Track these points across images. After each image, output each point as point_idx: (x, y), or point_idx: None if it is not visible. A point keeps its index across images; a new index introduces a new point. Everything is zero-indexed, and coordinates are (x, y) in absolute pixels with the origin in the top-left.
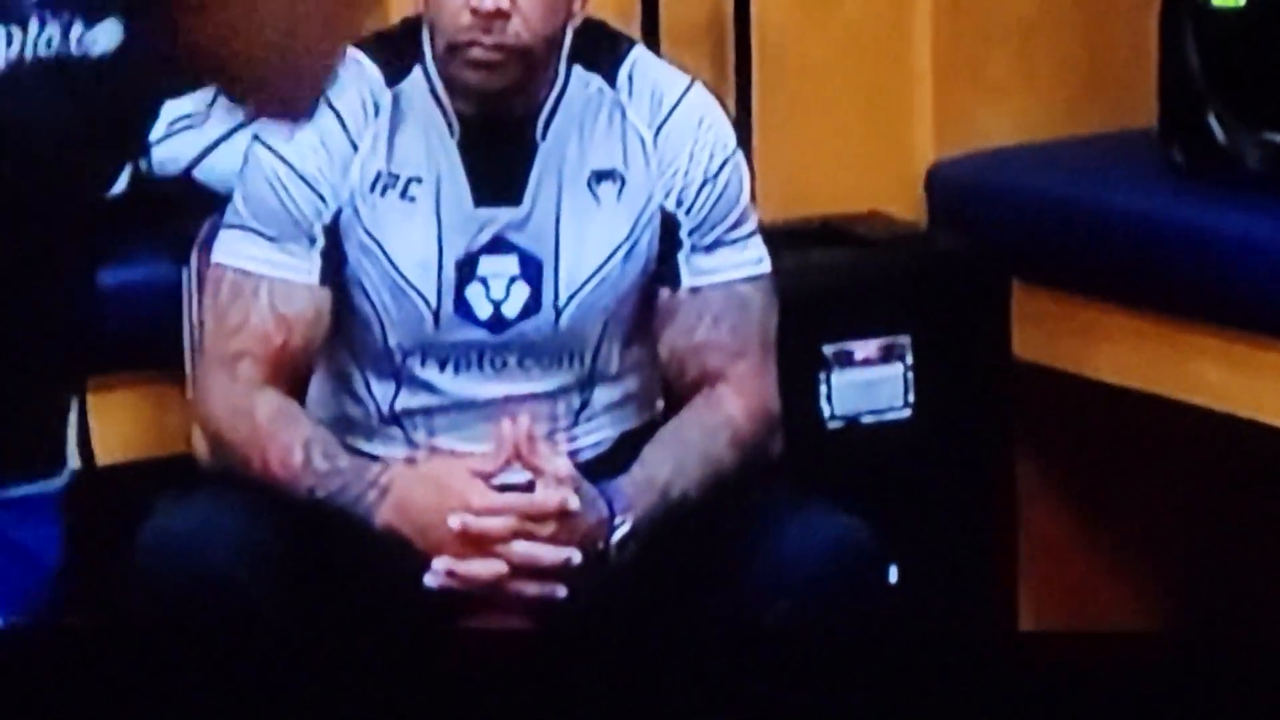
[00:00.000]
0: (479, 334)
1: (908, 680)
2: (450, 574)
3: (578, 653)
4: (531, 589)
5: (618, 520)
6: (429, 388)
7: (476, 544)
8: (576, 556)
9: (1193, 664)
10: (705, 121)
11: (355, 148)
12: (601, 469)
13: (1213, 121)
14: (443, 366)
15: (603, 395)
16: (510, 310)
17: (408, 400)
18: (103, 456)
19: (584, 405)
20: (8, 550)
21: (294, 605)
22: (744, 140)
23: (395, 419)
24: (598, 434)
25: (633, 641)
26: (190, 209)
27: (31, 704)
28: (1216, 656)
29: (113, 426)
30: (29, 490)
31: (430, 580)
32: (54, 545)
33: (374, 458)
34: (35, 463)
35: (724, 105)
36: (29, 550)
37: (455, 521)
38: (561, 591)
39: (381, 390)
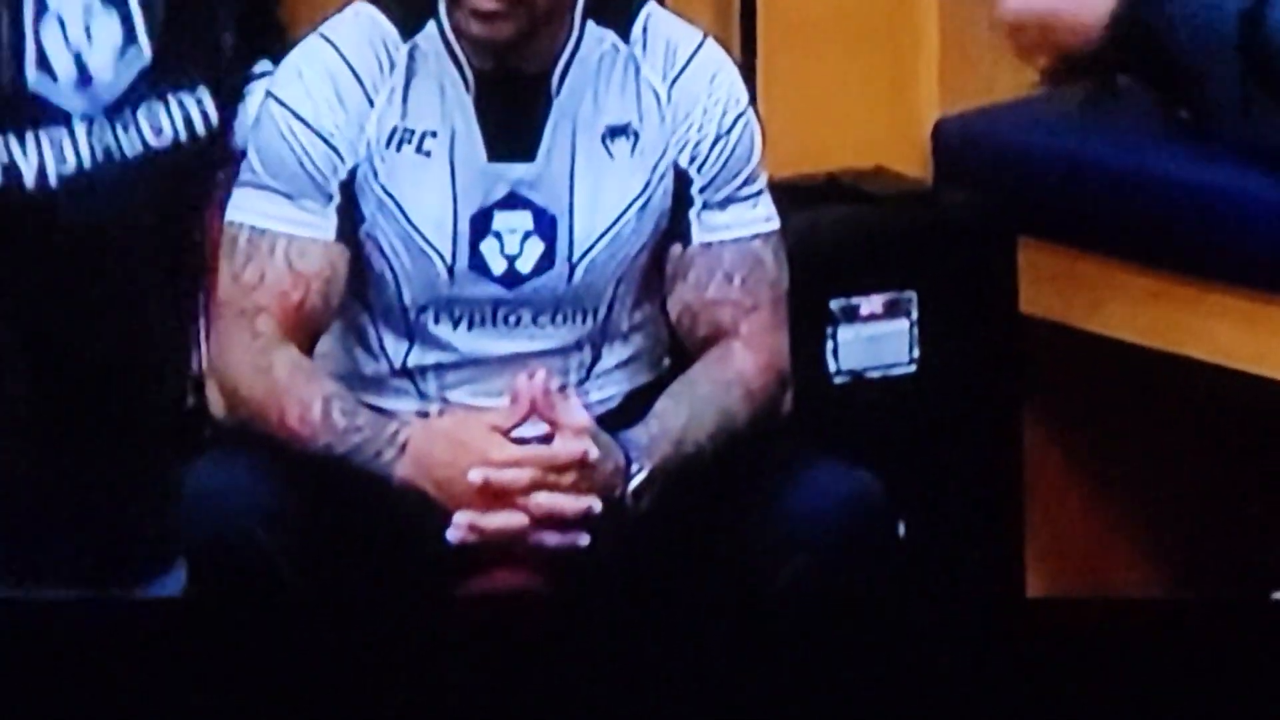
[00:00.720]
0: (493, 290)
1: (915, 634)
2: (472, 528)
3: (594, 605)
4: (553, 539)
5: (634, 468)
6: (442, 344)
7: (497, 497)
8: (597, 505)
9: (1202, 629)
10: (718, 77)
11: (371, 103)
12: (610, 425)
13: None
14: (456, 323)
15: (613, 352)
16: (524, 266)
17: (420, 357)
18: None
19: (594, 362)
20: None
21: (312, 562)
22: (749, 95)
23: (407, 374)
24: (606, 390)
25: (647, 596)
26: None
27: (53, 664)
28: (1225, 622)
29: None
30: (146, 593)
31: (452, 535)
32: None
33: (385, 412)
34: (147, 562)
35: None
36: None
37: (476, 476)
38: (584, 540)
39: (394, 346)
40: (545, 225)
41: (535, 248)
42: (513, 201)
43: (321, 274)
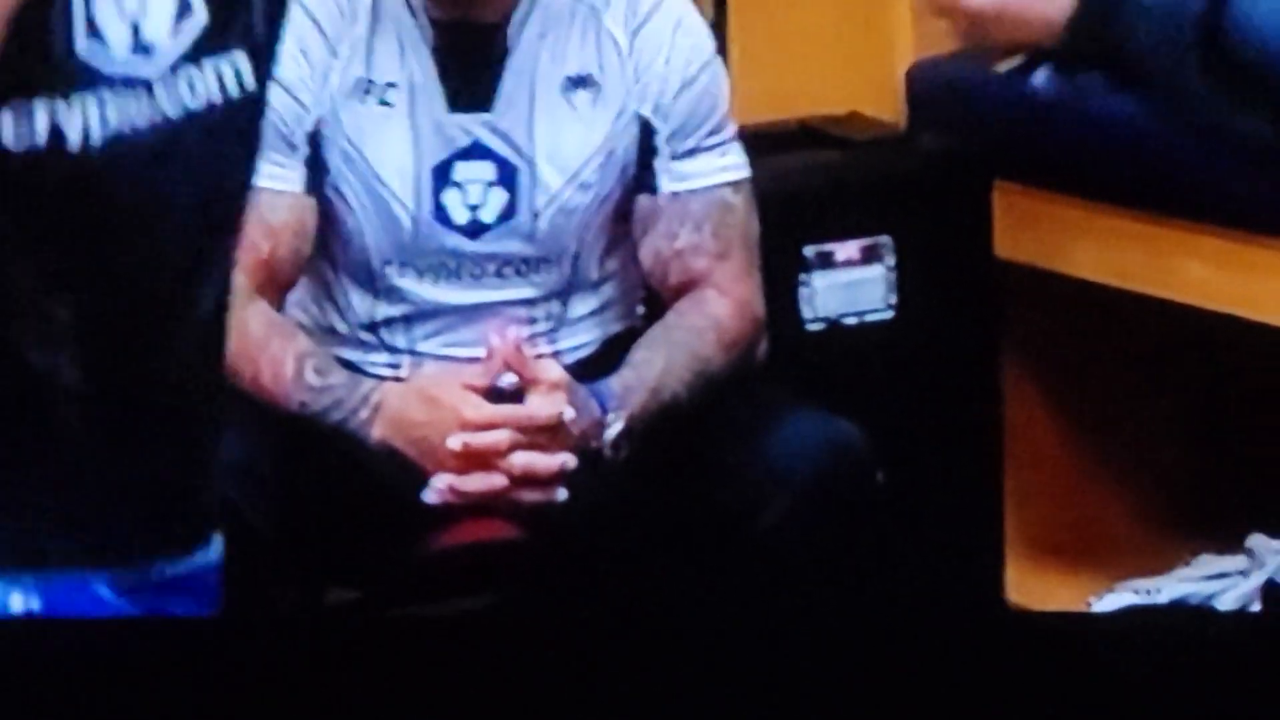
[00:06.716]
0: (457, 240)
1: (893, 580)
2: (452, 490)
3: (573, 556)
4: (531, 496)
5: (610, 419)
6: (408, 297)
7: (475, 459)
8: (572, 461)
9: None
10: (682, 26)
11: (335, 54)
12: (586, 373)
13: None
14: (421, 275)
15: (584, 301)
16: (487, 216)
17: (387, 310)
18: None
19: (564, 311)
20: None
21: (283, 518)
22: (720, 42)
23: (374, 328)
24: (579, 338)
25: (625, 544)
26: None
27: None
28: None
29: None
30: (182, 568)
31: (430, 496)
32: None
33: (354, 366)
34: (183, 536)
35: (700, 7)
36: None
37: (455, 443)
38: (562, 494)
39: (360, 301)
40: (507, 175)
41: (498, 198)
42: (474, 152)
43: (289, 226)
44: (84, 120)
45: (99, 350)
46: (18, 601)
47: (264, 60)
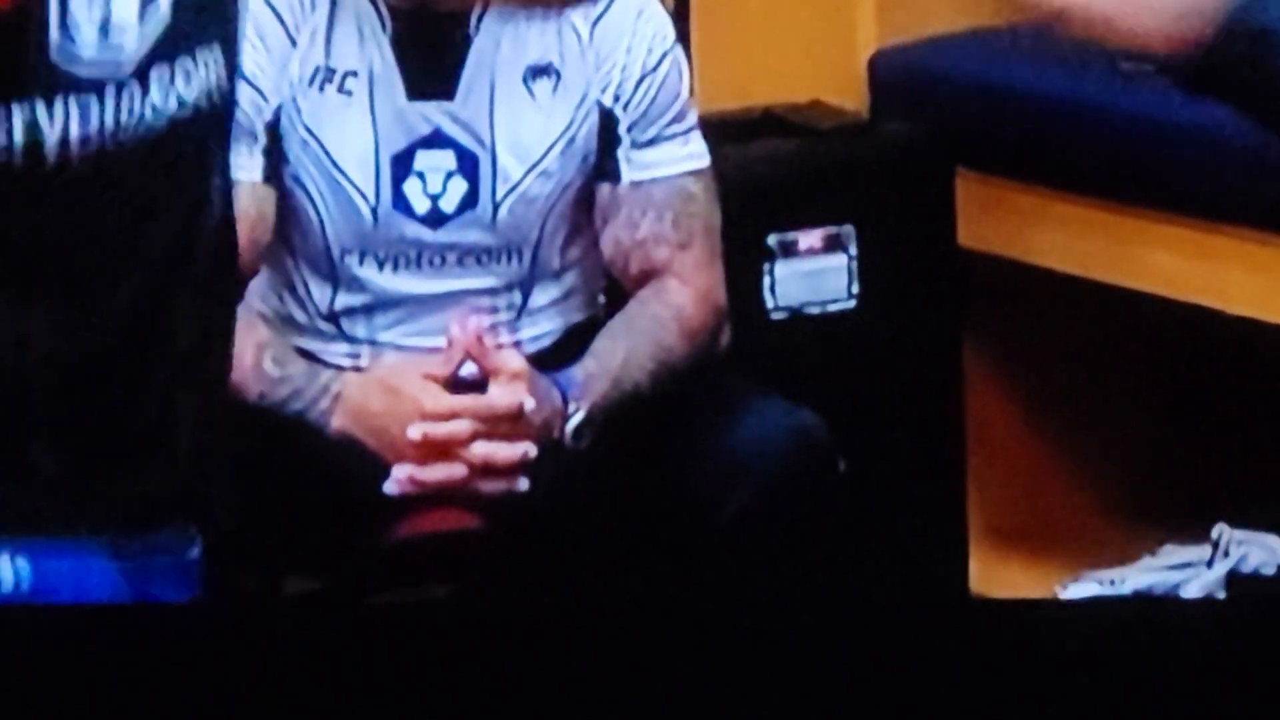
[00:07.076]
0: (417, 230)
1: (857, 569)
2: (412, 480)
3: (535, 546)
4: (492, 486)
5: (571, 408)
6: (368, 286)
7: (435, 449)
8: (532, 450)
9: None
10: (643, 15)
11: (294, 43)
12: (546, 362)
13: None
14: (381, 265)
15: (545, 291)
16: (448, 205)
17: (347, 299)
18: None
19: (525, 300)
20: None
21: (244, 510)
22: (683, 30)
23: (334, 318)
24: (540, 328)
25: (587, 535)
26: None
27: None
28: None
29: None
30: (160, 554)
31: (390, 487)
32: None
33: (314, 356)
34: (165, 522)
35: None
36: None
37: (415, 432)
38: (523, 484)
39: (319, 291)
40: (467, 164)
41: (458, 187)
42: (434, 140)
43: (249, 216)
44: (64, 123)
45: (68, 360)
46: (7, 568)
47: (235, 51)
